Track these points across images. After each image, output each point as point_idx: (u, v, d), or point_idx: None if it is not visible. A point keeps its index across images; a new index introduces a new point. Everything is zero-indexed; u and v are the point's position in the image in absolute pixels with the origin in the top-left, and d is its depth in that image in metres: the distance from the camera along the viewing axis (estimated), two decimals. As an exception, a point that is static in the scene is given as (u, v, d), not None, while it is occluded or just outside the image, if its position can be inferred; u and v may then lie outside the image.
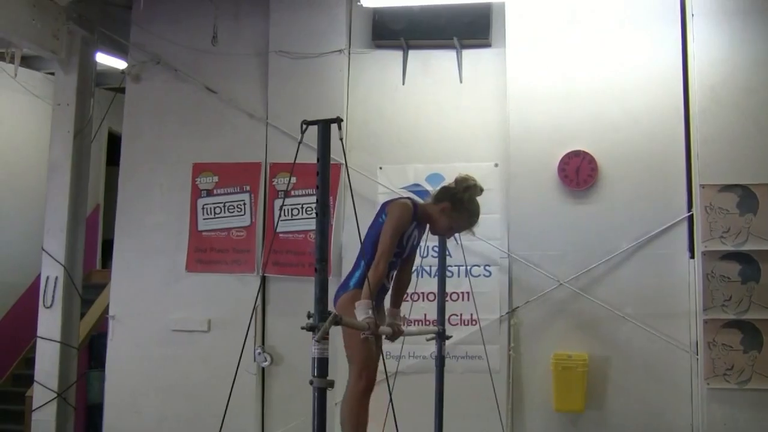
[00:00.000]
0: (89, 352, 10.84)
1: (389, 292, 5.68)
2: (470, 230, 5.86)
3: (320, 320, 4.04)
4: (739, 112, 7.64)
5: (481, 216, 5.78)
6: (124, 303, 8.75)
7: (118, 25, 9.17)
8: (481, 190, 5.70)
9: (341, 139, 4.15)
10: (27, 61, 10.30)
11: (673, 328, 7.64)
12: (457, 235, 6.17)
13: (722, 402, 7.44)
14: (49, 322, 8.61)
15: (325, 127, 4.18)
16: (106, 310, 9.09)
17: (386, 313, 5.66)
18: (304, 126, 4.20)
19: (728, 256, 7.50)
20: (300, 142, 4.21)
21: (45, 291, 8.61)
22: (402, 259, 5.64)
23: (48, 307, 8.60)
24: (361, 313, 4.98)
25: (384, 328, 5.35)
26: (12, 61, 9.59)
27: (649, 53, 7.95)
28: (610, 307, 7.75)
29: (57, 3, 8.42)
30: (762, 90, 7.64)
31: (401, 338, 5.72)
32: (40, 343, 8.65)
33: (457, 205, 5.60)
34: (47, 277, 8.65)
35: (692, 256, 7.66)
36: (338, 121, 4.16)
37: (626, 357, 7.73)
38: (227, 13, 8.69)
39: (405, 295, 5.91)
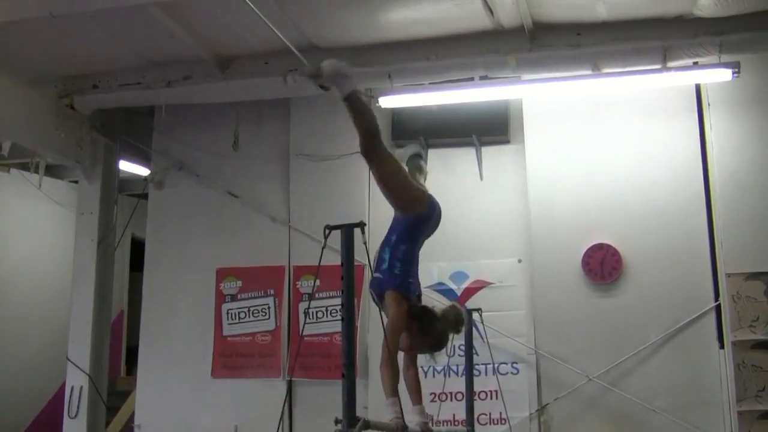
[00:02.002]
0: (115, 461, 10.72)
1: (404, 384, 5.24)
2: (432, 356, 5.39)
3: (349, 426, 3.99)
4: (762, 197, 7.63)
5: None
6: (149, 411, 8.68)
7: (141, 133, 9.30)
8: (459, 328, 5.29)
9: (365, 243, 4.14)
10: (50, 170, 10.39)
11: (706, 421, 7.50)
12: (483, 332, 6.07)
13: (761, 495, 7.25)
14: (74, 433, 8.54)
15: (348, 231, 4.16)
16: (131, 418, 9.03)
17: (411, 411, 5.45)
18: (327, 231, 4.19)
19: (759, 345, 7.40)
20: (323, 247, 4.18)
21: (70, 401, 8.52)
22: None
23: (73, 418, 8.50)
24: (390, 413, 4.87)
25: (413, 428, 5.24)
26: (36, 171, 9.71)
27: (667, 143, 7.99)
28: (640, 400, 7.63)
29: (80, 112, 8.54)
30: (783, 175, 7.64)
31: (432, 439, 5.57)
32: (65, 454, 8.55)
33: (426, 330, 5.15)
34: (72, 387, 8.57)
35: (722, 347, 7.56)
36: (361, 225, 4.14)
37: (660, 451, 7.58)
38: (248, 117, 8.81)
39: (420, 390, 5.67)
